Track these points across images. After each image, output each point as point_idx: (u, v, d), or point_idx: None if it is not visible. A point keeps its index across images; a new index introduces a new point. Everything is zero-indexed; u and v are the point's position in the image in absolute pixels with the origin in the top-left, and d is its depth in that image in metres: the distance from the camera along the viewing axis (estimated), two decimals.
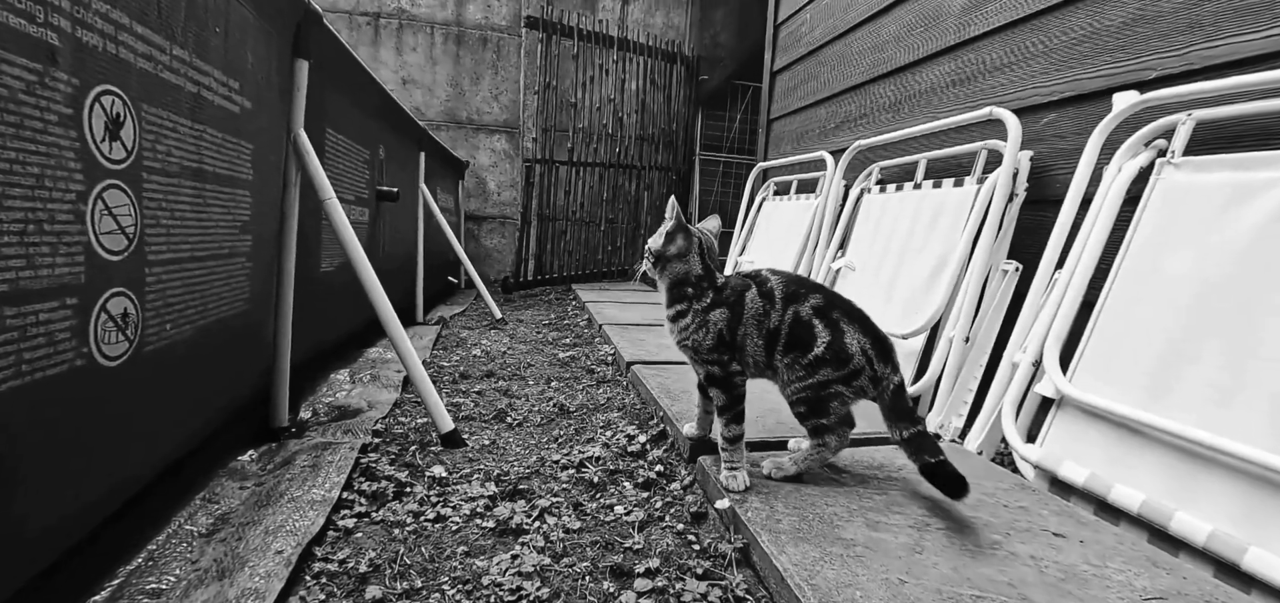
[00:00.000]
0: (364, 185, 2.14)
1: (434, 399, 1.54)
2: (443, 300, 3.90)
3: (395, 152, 2.59)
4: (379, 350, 2.44)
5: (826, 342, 1.08)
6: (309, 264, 1.71)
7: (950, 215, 1.82)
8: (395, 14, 4.72)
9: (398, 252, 2.80)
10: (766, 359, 1.13)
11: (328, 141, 1.75)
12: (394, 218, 2.65)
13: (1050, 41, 1.68)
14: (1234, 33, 1.24)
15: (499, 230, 5.15)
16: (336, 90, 1.78)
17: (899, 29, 2.37)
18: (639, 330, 2.72)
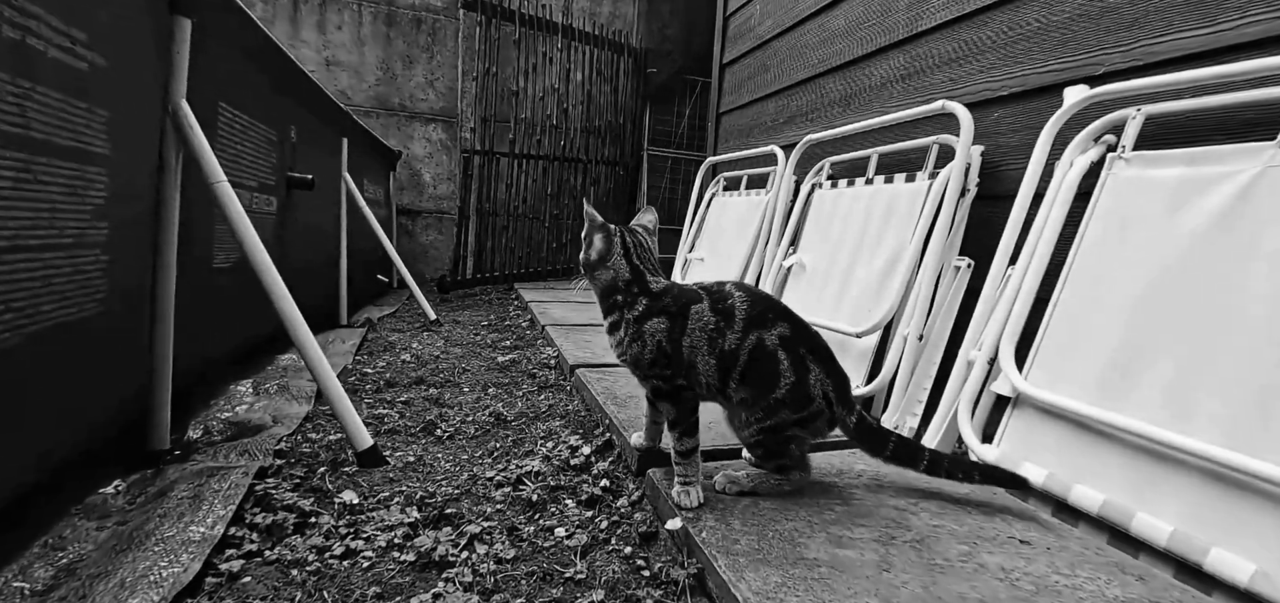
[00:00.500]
0: (270, 171, 1.92)
1: (348, 412, 1.36)
2: (371, 301, 3.63)
3: (312, 135, 2.35)
4: (293, 358, 2.21)
5: (790, 383, 1.01)
6: (199, 259, 1.49)
7: (903, 211, 1.81)
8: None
9: (316, 247, 2.55)
10: (720, 384, 1.03)
11: (222, 118, 1.54)
12: (311, 210, 2.41)
13: (998, 36, 1.69)
14: (1181, 28, 1.26)
15: (435, 226, 4.88)
16: (233, 58, 1.57)
17: (849, 23, 2.36)
18: (585, 332, 2.60)
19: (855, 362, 1.79)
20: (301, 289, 1.36)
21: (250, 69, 1.69)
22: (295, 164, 2.12)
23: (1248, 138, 1.08)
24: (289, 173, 2.05)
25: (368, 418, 1.68)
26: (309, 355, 1.36)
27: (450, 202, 4.87)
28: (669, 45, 5.26)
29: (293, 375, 2.00)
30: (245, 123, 1.69)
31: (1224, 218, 1.05)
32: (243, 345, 1.99)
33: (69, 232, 0.93)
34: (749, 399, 1.02)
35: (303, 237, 2.32)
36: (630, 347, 1.04)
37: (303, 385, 1.89)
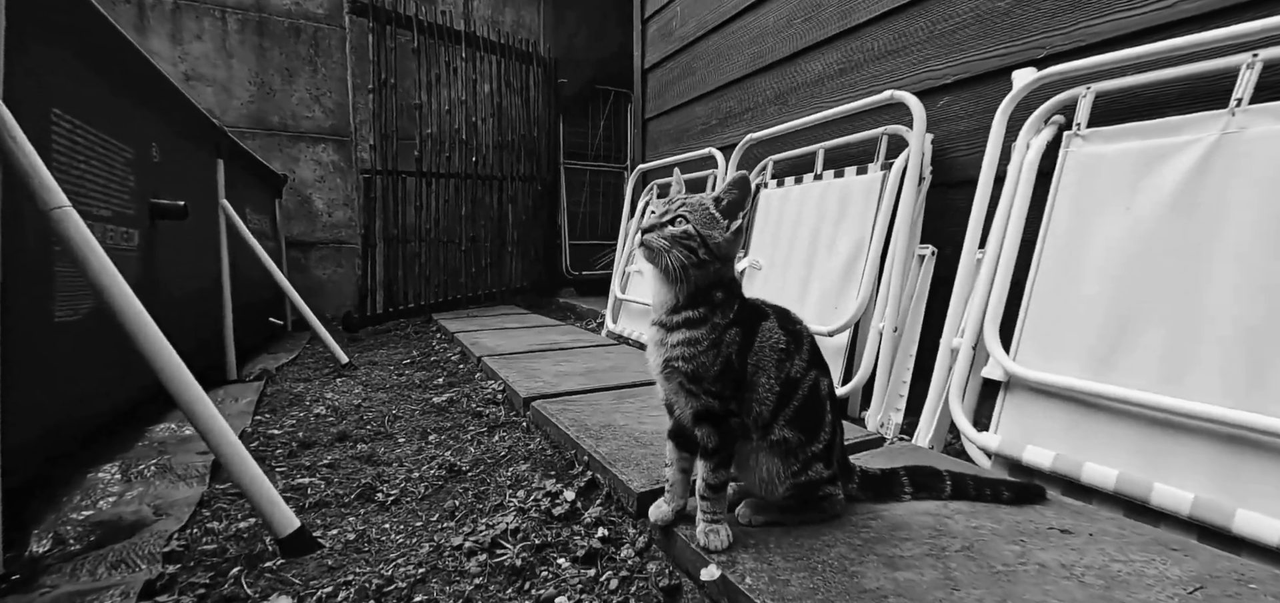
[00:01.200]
0: (128, 197, 1.56)
1: (263, 487, 1.10)
2: (265, 348, 3.15)
3: (179, 155, 1.97)
4: (171, 427, 1.82)
5: (827, 441, 0.94)
6: (31, 308, 1.14)
7: (858, 204, 1.82)
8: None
9: (192, 289, 2.14)
10: (772, 413, 0.90)
11: (58, 129, 1.20)
12: (184, 244, 2.02)
13: (935, 26, 1.75)
14: (1122, 9, 1.34)
15: (333, 258, 4.40)
16: (69, 56, 1.24)
17: (778, 20, 2.38)
18: (528, 359, 2.40)
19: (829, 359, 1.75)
20: (175, 341, 1.08)
21: (94, 71, 1.36)
22: (161, 189, 1.75)
23: (1197, 108, 1.15)
24: (153, 199, 1.68)
25: (286, 492, 1.38)
26: (201, 418, 1.07)
27: (349, 229, 4.41)
28: (578, 53, 5.16)
29: (175, 449, 1.63)
30: (90, 137, 1.35)
31: (1189, 183, 1.11)
32: (102, 417, 1.59)
33: None
34: (793, 444, 0.91)
35: (174, 277, 1.93)
36: (706, 353, 0.87)
37: (190, 461, 1.54)
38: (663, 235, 0.87)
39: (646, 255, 0.89)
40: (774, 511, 0.97)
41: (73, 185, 1.26)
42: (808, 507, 0.96)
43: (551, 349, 2.57)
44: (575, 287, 5.02)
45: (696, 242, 0.87)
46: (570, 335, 2.99)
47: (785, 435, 0.91)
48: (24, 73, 1.05)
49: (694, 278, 0.88)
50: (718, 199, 0.91)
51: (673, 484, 0.99)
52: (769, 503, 0.97)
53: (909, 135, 1.70)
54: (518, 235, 4.52)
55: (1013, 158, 1.42)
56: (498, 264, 4.42)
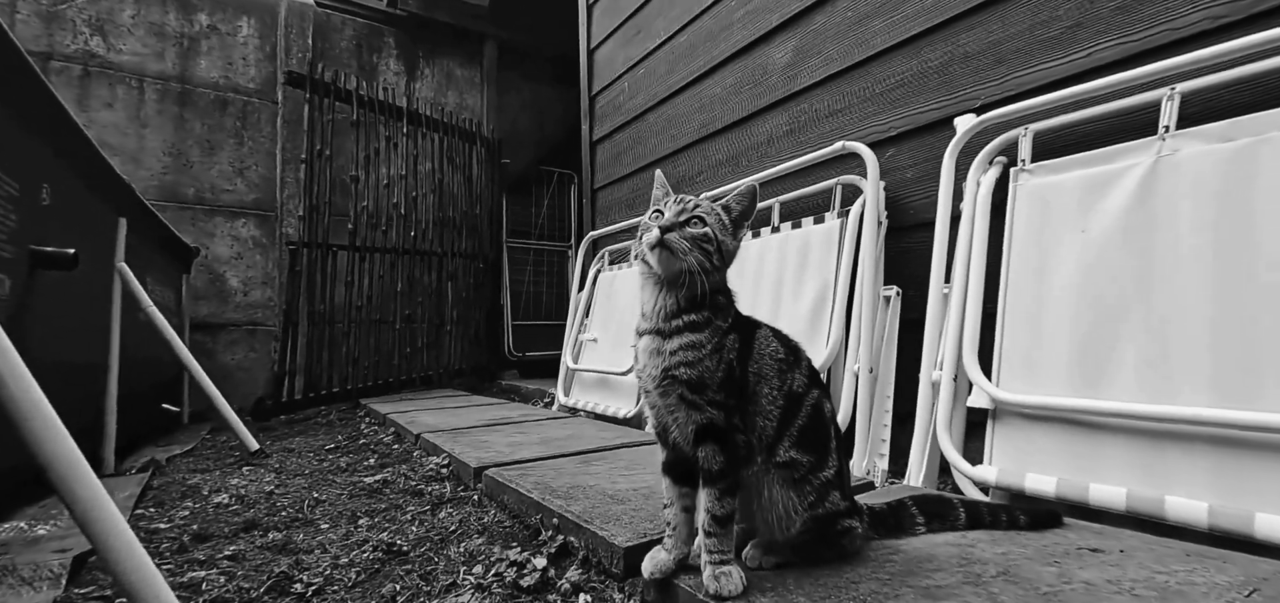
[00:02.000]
0: (4, 237, 1.33)
1: (149, 579, 0.88)
2: (153, 440, 2.74)
3: (74, 204, 1.75)
4: (19, 525, 1.50)
5: (836, 467, 0.86)
6: None
7: (819, 251, 1.85)
8: (78, 58, 3.59)
9: (71, 359, 1.84)
10: (776, 431, 0.82)
11: None
12: (67, 305, 1.75)
13: (875, 86, 1.89)
14: (1039, 62, 1.49)
15: (244, 342, 4.02)
16: None
17: (724, 90, 2.51)
18: (478, 433, 2.20)
19: None
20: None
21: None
22: (47, 237, 1.52)
23: (1130, 138, 1.26)
24: (35, 246, 1.45)
25: (175, 591, 1.12)
26: (82, 500, 0.86)
27: (267, 309, 4.07)
28: (522, 136, 5.25)
29: (23, 550, 1.32)
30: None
31: (1136, 201, 1.18)
32: None
33: None
34: (804, 469, 0.82)
35: (50, 341, 1.65)
36: (709, 358, 0.80)
37: (42, 561, 1.25)
38: (684, 236, 0.81)
39: (661, 257, 0.82)
40: (786, 551, 0.86)
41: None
42: (825, 543, 0.86)
43: (501, 424, 2.38)
44: (519, 369, 4.81)
45: (713, 246, 0.83)
46: (519, 411, 2.80)
47: (794, 457, 0.82)
48: None
49: (700, 283, 0.82)
50: (728, 208, 0.89)
51: (675, 527, 0.87)
52: (780, 543, 0.86)
53: (863, 183, 1.77)
54: (458, 314, 4.33)
55: (966, 196, 1.49)
56: (435, 345, 4.18)
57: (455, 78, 4.95)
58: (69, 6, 3.59)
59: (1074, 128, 1.38)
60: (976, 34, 1.63)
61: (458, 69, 4.95)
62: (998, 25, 1.58)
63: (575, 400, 2.80)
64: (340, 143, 3.81)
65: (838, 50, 2.02)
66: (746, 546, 0.89)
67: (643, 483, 1.37)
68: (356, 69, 4.41)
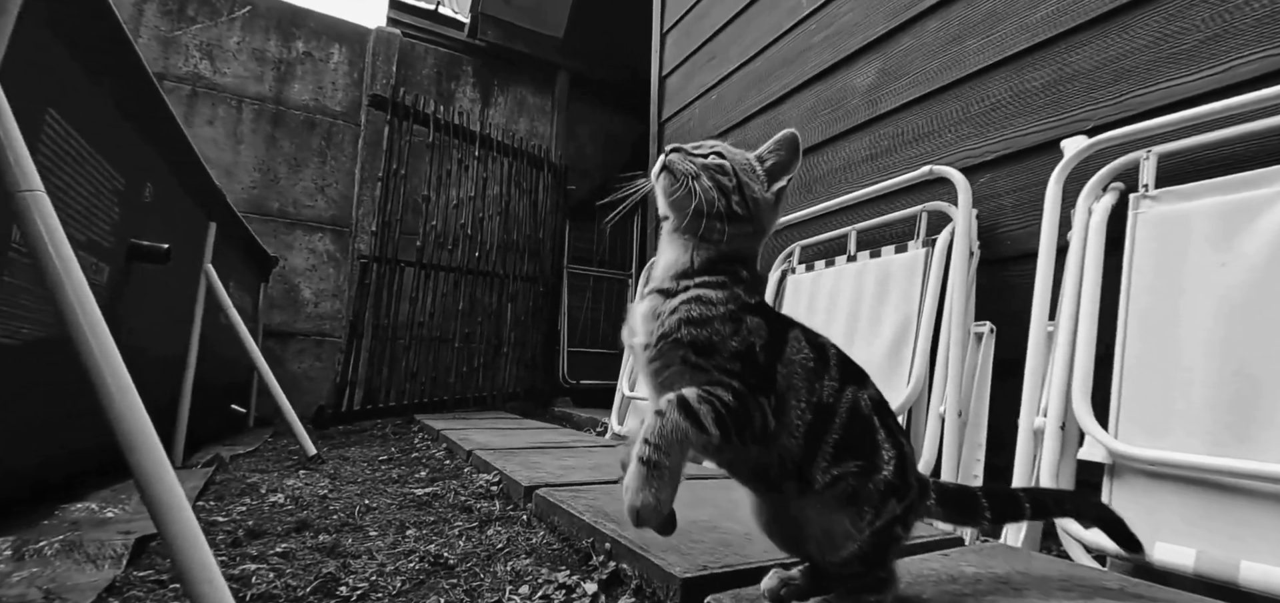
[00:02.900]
0: (108, 228, 1.46)
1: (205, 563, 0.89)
2: (221, 438, 2.91)
3: (170, 203, 1.91)
4: (91, 506, 1.59)
5: (894, 457, 0.74)
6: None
7: (900, 283, 1.75)
8: (188, 79, 4.00)
9: (153, 351, 1.98)
10: (804, 452, 0.72)
11: (49, 132, 1.13)
12: (154, 299, 1.89)
13: (970, 108, 1.79)
14: (1164, 80, 1.36)
15: (312, 351, 4.24)
16: (75, 58, 1.20)
17: (799, 114, 2.46)
18: (529, 454, 2.19)
19: None
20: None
21: (101, 86, 1.32)
22: (144, 232, 1.66)
23: (1271, 162, 1.11)
24: (134, 239, 1.59)
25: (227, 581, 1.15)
26: (155, 485, 0.89)
27: (334, 322, 4.29)
28: (587, 163, 5.38)
29: (89, 529, 1.40)
30: (83, 153, 1.28)
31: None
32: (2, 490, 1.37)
33: None
34: (848, 489, 0.72)
35: (135, 329, 1.78)
36: (721, 322, 0.71)
37: (106, 540, 1.31)
38: (692, 159, 0.73)
39: (666, 187, 0.73)
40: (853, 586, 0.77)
41: (51, 195, 1.17)
42: (878, 563, 0.75)
43: (552, 447, 2.37)
44: (572, 396, 4.82)
45: (732, 182, 0.74)
46: (571, 437, 2.78)
47: (834, 478, 0.72)
48: (24, 62, 0.99)
49: (720, 235, 0.73)
50: (761, 158, 0.80)
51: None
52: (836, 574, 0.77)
53: (952, 210, 1.67)
54: (515, 336, 4.41)
55: (1075, 224, 1.36)
56: (491, 366, 4.27)
57: (527, 105, 5.16)
58: (184, 33, 4.03)
59: (1208, 150, 1.25)
60: (1090, 51, 1.52)
61: (530, 97, 5.17)
62: (1117, 40, 1.47)
63: (629, 429, 2.75)
64: (415, 164, 4.03)
65: (926, 71, 1.94)
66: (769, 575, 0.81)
67: (702, 515, 1.30)
68: (435, 95, 4.68)
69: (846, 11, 2.30)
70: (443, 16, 5.05)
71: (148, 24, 3.91)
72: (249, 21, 4.19)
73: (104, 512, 1.56)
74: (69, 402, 1.48)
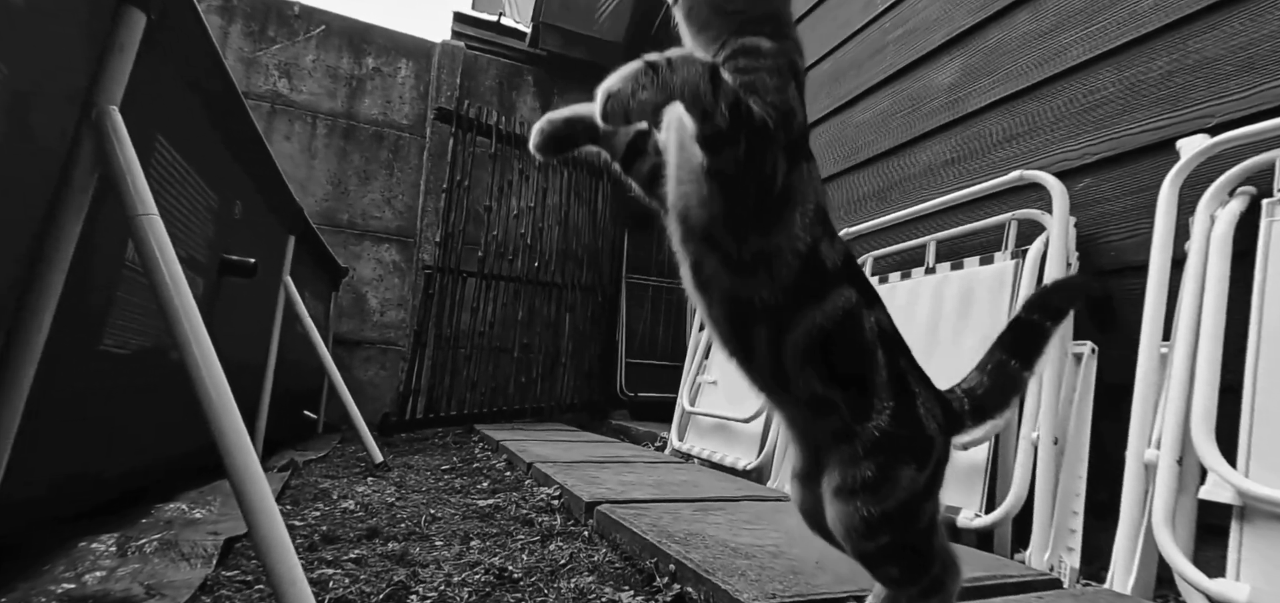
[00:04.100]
0: (203, 245, 1.61)
1: (291, 568, 0.97)
2: (293, 443, 3.12)
3: (256, 219, 2.08)
4: (181, 506, 1.74)
5: (893, 408, 0.70)
6: (77, 332, 1.13)
7: (986, 297, 1.67)
8: (267, 97, 4.33)
9: (236, 359, 2.15)
10: (781, 311, 0.69)
11: (158, 157, 1.27)
12: (238, 309, 2.06)
13: (1069, 105, 1.69)
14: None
15: (378, 359, 4.48)
16: (182, 88, 1.34)
17: (873, 116, 2.40)
18: (587, 468, 2.23)
19: (961, 482, 1.52)
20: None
21: (200, 110, 1.46)
22: (233, 247, 1.82)
23: None
24: (225, 255, 1.74)
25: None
26: (248, 489, 0.98)
27: (399, 330, 4.52)
28: None
29: (182, 529, 1.54)
30: (185, 175, 1.42)
31: None
32: (113, 480, 1.52)
33: None
34: (836, 427, 0.70)
35: (223, 339, 1.94)
36: (770, 75, 0.71)
37: (198, 540, 1.44)
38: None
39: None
40: None
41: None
42: (917, 549, 0.71)
43: (611, 462, 2.40)
44: (629, 409, 4.86)
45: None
46: (630, 451, 2.81)
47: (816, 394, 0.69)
48: (140, 92, 1.12)
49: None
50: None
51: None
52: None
53: (1046, 218, 1.58)
54: (573, 347, 4.50)
55: (1194, 233, 1.27)
56: (549, 376, 4.37)
57: None
58: (265, 53, 4.37)
59: None
60: (1212, 39, 1.41)
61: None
62: (1245, 26, 1.35)
63: (690, 446, 2.75)
64: (477, 174, 4.20)
65: (1017, 67, 1.86)
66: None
67: (768, 539, 1.29)
68: (497, 105, 4.86)
69: (925, 6, 2.24)
70: (505, 27, 5.25)
71: (232, 46, 4.27)
72: (323, 40, 4.51)
73: (193, 512, 1.71)
74: (164, 408, 1.63)
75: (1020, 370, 0.83)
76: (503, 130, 4.23)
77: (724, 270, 0.72)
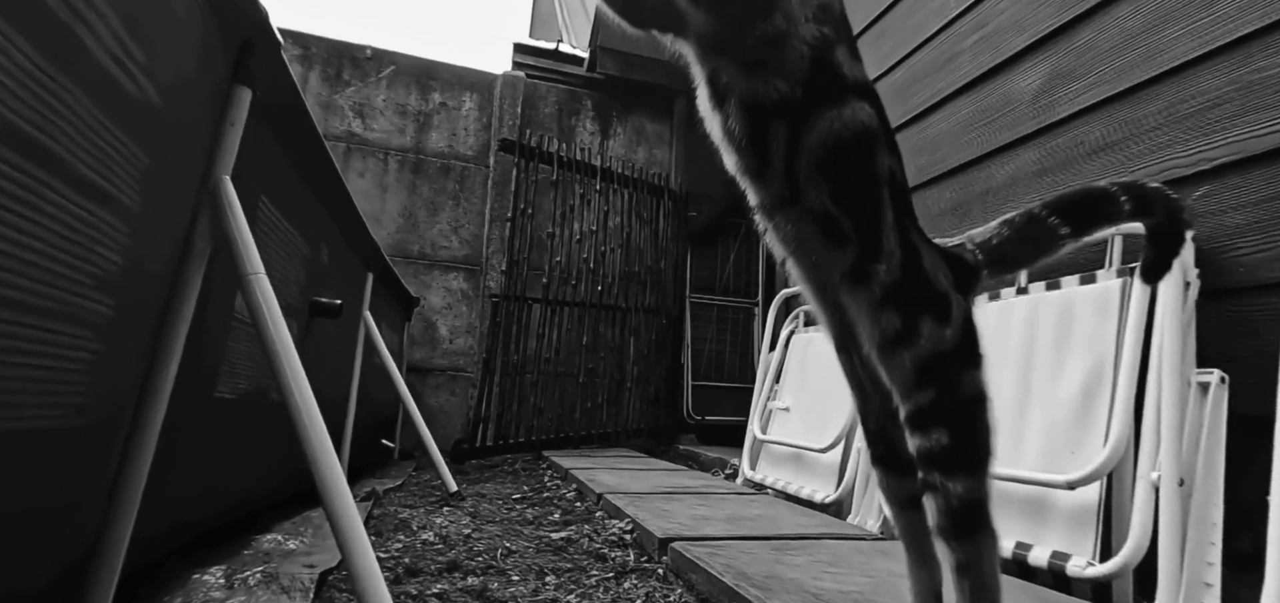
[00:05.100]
0: (297, 291, 1.75)
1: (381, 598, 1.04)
2: (373, 471, 3.31)
3: (339, 261, 2.24)
4: (277, 538, 1.88)
5: (903, 259, 0.76)
6: (200, 378, 1.26)
7: (1088, 320, 1.58)
8: (344, 138, 4.65)
9: (323, 393, 2.31)
10: (790, 100, 0.74)
11: (261, 215, 1.40)
12: (325, 348, 2.22)
13: (1177, 107, 1.59)
14: None
15: (448, 386, 4.68)
16: (280, 150, 1.47)
17: (950, 127, 2.33)
18: (658, 499, 2.25)
19: (1069, 525, 1.44)
20: (294, 440, 1.12)
21: (294, 166, 1.60)
22: (321, 290, 1.97)
23: None
24: (315, 297, 1.89)
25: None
26: (343, 526, 1.06)
27: (468, 357, 4.71)
28: (709, 188, 5.44)
29: (281, 561, 1.66)
30: (283, 229, 1.56)
31: None
32: (217, 515, 1.67)
33: (62, 296, 0.70)
34: (853, 256, 0.75)
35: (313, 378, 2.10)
36: None
37: (295, 573, 1.55)
38: None
39: None
40: None
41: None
42: (970, 435, 0.73)
43: (682, 493, 2.41)
44: (697, 433, 4.84)
45: None
46: (700, 481, 2.81)
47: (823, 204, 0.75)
48: (251, 160, 1.24)
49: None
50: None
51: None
52: None
53: None
54: (638, 371, 4.54)
55: None
56: (615, 401, 4.43)
57: (646, 133, 5.36)
58: (340, 95, 4.71)
59: None
60: None
61: (648, 124, 5.37)
62: None
63: (763, 476, 2.72)
64: (539, 201, 4.35)
65: (1111, 69, 1.76)
66: None
67: (852, 585, 1.26)
68: (557, 132, 5.02)
69: (1005, 7, 2.16)
70: (563, 54, 5.43)
71: (312, 90, 4.63)
72: (393, 79, 4.81)
73: (288, 544, 1.85)
74: (261, 444, 1.78)
75: (1059, 226, 0.81)
76: (564, 157, 4.36)
77: (738, 72, 0.77)
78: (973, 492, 0.72)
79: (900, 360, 0.72)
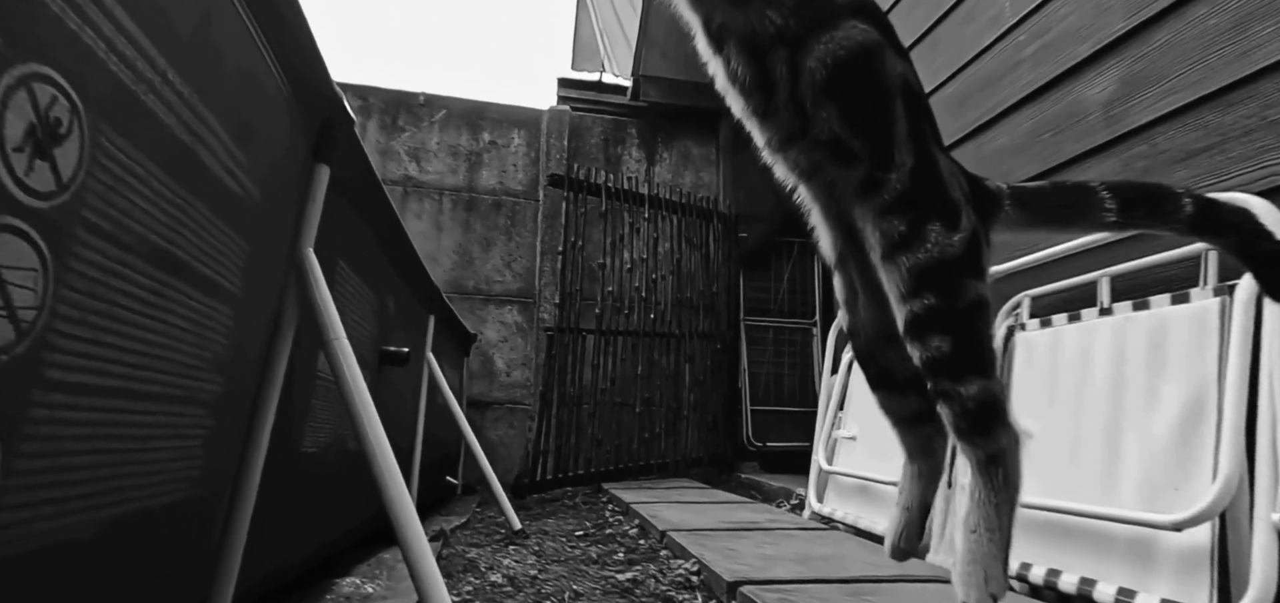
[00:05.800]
0: (369, 343, 1.86)
1: None
2: (438, 509, 3.42)
3: (403, 309, 2.36)
4: (355, 581, 1.97)
5: (913, 166, 0.77)
6: (289, 438, 1.35)
7: (1183, 342, 1.50)
8: (401, 181, 4.89)
9: (393, 438, 2.42)
10: (791, 104, 0.76)
11: (338, 277, 1.50)
12: (392, 393, 2.33)
13: (1266, 113, 1.51)
14: None
15: (506, 419, 4.79)
16: (352, 214, 1.58)
17: (1015, 140, 2.27)
18: (722, 537, 2.24)
19: (1179, 570, 1.35)
20: (366, 486, 1.19)
21: (365, 227, 1.71)
22: (389, 338, 2.07)
23: None
24: (384, 347, 1.99)
25: None
26: (418, 561, 1.13)
27: (524, 389, 4.82)
28: (759, 208, 5.42)
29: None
30: (356, 286, 1.67)
31: None
32: (298, 564, 1.77)
33: (184, 382, 0.79)
34: (865, 170, 0.76)
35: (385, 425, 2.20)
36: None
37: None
38: None
39: None
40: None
41: None
42: (973, 345, 0.73)
43: (748, 529, 2.39)
44: (758, 460, 4.78)
45: None
46: (766, 515, 2.78)
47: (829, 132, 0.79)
48: (329, 227, 1.34)
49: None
50: None
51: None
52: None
53: None
54: (695, 399, 4.54)
55: None
56: (672, 431, 4.43)
57: (692, 157, 5.41)
58: (397, 141, 4.96)
59: None
60: None
61: (694, 147, 5.41)
62: None
63: (831, 509, 2.67)
64: (589, 231, 4.44)
65: (1192, 73, 1.69)
66: None
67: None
68: (603, 161, 5.13)
69: (1067, 12, 2.10)
70: (606, 85, 5.55)
71: (371, 139, 4.89)
72: (444, 122, 5.03)
73: (365, 587, 1.93)
74: (339, 492, 1.88)
75: (1108, 201, 0.81)
76: (611, 188, 4.45)
77: (728, 9, 0.79)
78: (986, 390, 0.73)
79: (901, 264, 0.74)
